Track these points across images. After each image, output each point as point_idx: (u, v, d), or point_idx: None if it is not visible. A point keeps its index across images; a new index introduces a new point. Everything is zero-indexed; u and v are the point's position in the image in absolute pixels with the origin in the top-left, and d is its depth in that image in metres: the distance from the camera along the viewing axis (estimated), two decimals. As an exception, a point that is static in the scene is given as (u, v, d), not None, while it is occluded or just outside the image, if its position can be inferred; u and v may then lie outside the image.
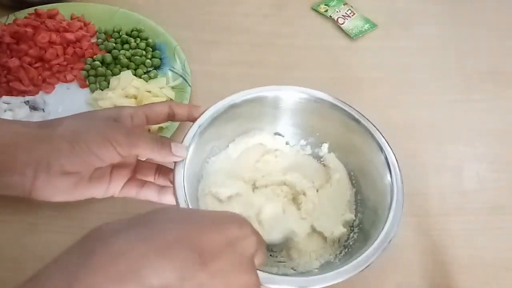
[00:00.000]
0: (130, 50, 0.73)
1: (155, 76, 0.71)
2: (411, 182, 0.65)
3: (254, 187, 0.57)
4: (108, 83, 0.69)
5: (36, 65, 0.69)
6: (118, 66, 0.71)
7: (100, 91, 0.69)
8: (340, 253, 0.53)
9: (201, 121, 0.52)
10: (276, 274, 0.44)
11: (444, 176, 0.66)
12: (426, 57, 0.81)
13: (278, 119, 0.59)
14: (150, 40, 0.75)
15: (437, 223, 0.62)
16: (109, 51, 0.73)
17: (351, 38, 0.81)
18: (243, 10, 0.86)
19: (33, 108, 0.66)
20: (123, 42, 0.75)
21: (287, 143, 0.60)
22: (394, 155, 0.54)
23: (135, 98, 0.66)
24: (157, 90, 0.68)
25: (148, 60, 0.73)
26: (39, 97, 0.68)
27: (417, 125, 0.71)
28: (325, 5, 0.86)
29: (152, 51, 0.74)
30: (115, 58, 0.72)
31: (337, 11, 0.85)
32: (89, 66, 0.71)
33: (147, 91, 0.67)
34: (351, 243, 0.53)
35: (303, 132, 0.60)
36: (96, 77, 0.70)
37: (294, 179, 0.57)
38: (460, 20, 0.87)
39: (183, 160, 0.48)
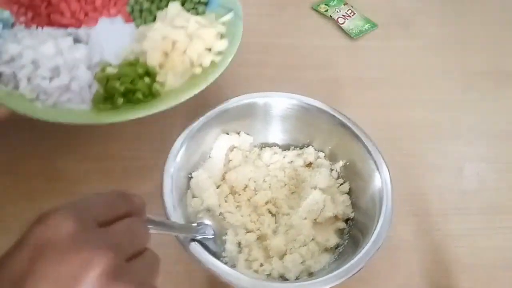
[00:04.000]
0: None
1: (203, 12, 0.66)
2: (411, 182, 0.65)
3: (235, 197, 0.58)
4: (154, 18, 0.65)
5: None
6: (164, 0, 0.66)
7: (146, 25, 0.65)
8: (331, 260, 0.53)
9: (193, 125, 0.54)
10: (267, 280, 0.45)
11: (444, 176, 0.66)
12: (426, 57, 0.81)
13: (269, 126, 0.61)
14: None
15: (437, 223, 0.62)
16: None
17: (351, 38, 0.82)
18: (243, 10, 0.86)
19: (76, 41, 0.62)
20: None
21: (275, 153, 0.61)
22: (384, 161, 0.54)
23: (185, 29, 0.62)
24: (208, 22, 0.63)
25: None
26: (81, 31, 0.63)
27: (417, 125, 0.71)
28: (325, 5, 0.86)
29: None
30: None
31: (337, 11, 0.85)
32: (133, 0, 0.67)
33: (197, 23, 0.63)
34: (341, 250, 0.54)
35: (293, 137, 0.61)
36: (142, 12, 0.66)
37: (280, 199, 0.58)
38: (460, 20, 0.87)
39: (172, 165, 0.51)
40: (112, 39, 0.63)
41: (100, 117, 0.54)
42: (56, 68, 0.56)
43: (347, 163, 0.58)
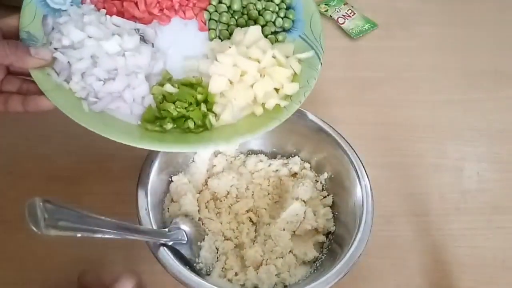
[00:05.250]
0: (263, 2, 0.60)
1: (283, 40, 0.58)
2: (411, 182, 0.65)
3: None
4: (230, 34, 0.57)
5: None
6: (245, 16, 0.59)
7: (219, 40, 0.57)
8: (308, 273, 0.53)
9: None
10: None
11: (444, 176, 0.66)
12: (426, 57, 0.81)
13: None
14: None
15: (437, 223, 0.62)
16: None
17: (351, 38, 0.81)
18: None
19: (142, 39, 0.55)
20: None
21: (261, 160, 0.61)
22: (367, 175, 0.54)
23: (259, 62, 0.54)
24: (283, 58, 0.55)
25: (280, 19, 0.59)
26: (151, 28, 0.57)
27: (417, 125, 0.71)
28: (325, 4, 0.86)
29: (286, 9, 0.60)
30: (245, 6, 0.59)
31: (338, 11, 0.85)
32: (213, 7, 0.59)
33: (272, 57, 0.55)
34: (319, 264, 0.54)
35: (280, 146, 0.61)
36: (218, 23, 0.59)
37: (262, 208, 0.58)
38: (460, 20, 0.87)
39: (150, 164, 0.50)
40: (180, 45, 0.57)
41: (144, 140, 0.48)
42: (114, 70, 0.51)
43: (332, 176, 0.58)
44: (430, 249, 0.60)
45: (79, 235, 0.40)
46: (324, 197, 0.58)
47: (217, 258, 0.53)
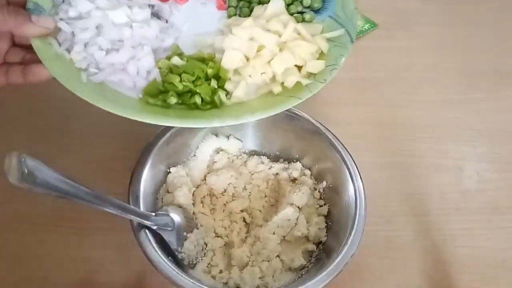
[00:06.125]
0: None
1: (310, 20, 0.54)
2: (411, 182, 0.65)
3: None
4: (251, 12, 0.54)
5: None
6: None
7: (239, 17, 0.53)
8: (292, 280, 0.53)
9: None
10: None
11: (444, 176, 0.66)
12: (426, 57, 0.81)
13: (260, 133, 0.60)
14: None
15: (437, 223, 0.62)
16: None
17: (351, 38, 0.81)
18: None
19: (156, 15, 0.53)
20: None
21: (262, 162, 0.60)
22: (363, 187, 0.53)
23: (279, 35, 0.49)
24: (308, 34, 0.50)
25: None
26: (167, 5, 0.54)
27: (417, 125, 0.71)
28: (325, 5, 0.86)
29: None
30: None
31: (337, 11, 0.84)
32: None
33: (296, 32, 0.51)
34: (304, 272, 0.53)
35: (284, 150, 0.60)
36: (240, 1, 0.55)
37: (257, 209, 0.57)
38: (460, 20, 0.87)
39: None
40: (195, 23, 0.53)
41: (145, 114, 0.45)
42: (119, 41, 0.48)
43: (330, 185, 0.57)
44: (430, 249, 0.60)
45: (54, 195, 0.40)
46: (321, 206, 0.57)
47: (205, 253, 0.53)
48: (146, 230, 0.47)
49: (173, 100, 0.46)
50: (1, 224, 0.58)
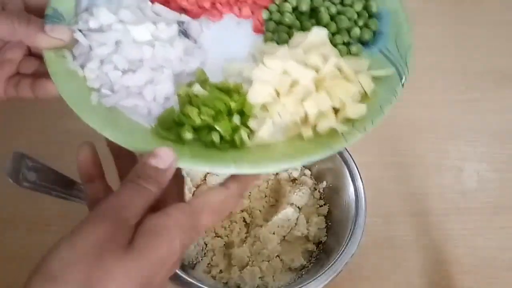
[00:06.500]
0: (338, 6, 0.49)
1: (357, 53, 0.47)
2: (411, 182, 0.65)
3: None
4: (290, 38, 0.47)
5: None
6: (314, 20, 0.48)
7: (275, 44, 0.46)
8: (292, 280, 0.53)
9: None
10: None
11: (444, 176, 0.66)
12: (426, 57, 0.81)
13: None
14: (372, 3, 0.49)
15: (437, 223, 0.62)
16: None
17: (351, 38, 0.81)
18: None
19: (184, 33, 0.47)
20: None
21: None
22: (364, 189, 0.53)
23: (317, 71, 0.42)
24: (351, 72, 0.43)
25: (357, 29, 0.47)
26: (197, 22, 0.48)
27: (417, 125, 0.71)
28: (325, 5, 0.85)
29: (368, 18, 0.49)
30: (314, 9, 0.49)
31: (337, 11, 0.84)
32: (276, 7, 0.49)
33: (337, 68, 0.43)
34: (304, 272, 0.53)
35: None
36: (279, 25, 0.48)
37: (257, 209, 0.57)
38: (460, 20, 0.87)
39: None
40: (226, 45, 0.47)
41: (151, 147, 0.38)
42: (138, 61, 0.43)
43: (331, 185, 0.57)
44: (430, 249, 0.60)
45: (54, 194, 0.40)
46: (321, 206, 0.57)
47: (205, 253, 0.53)
48: None
49: (188, 135, 0.40)
50: (1, 224, 0.58)
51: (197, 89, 0.42)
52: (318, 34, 0.44)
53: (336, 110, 0.41)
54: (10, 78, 0.44)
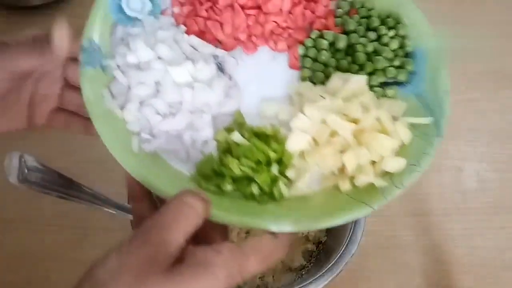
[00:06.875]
0: (374, 44, 0.47)
1: (393, 96, 0.45)
2: (411, 182, 0.65)
3: None
4: (326, 77, 0.45)
5: (250, 12, 0.48)
6: (349, 58, 0.47)
7: (311, 84, 0.45)
8: (292, 280, 0.53)
9: None
10: None
11: (444, 176, 0.66)
12: (426, 57, 0.81)
13: None
14: (408, 42, 0.48)
15: (437, 223, 0.62)
16: (347, 32, 0.48)
17: (351, 38, 0.81)
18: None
19: (220, 67, 0.45)
20: (370, 28, 0.48)
21: None
22: None
23: (355, 122, 0.41)
24: (390, 123, 0.41)
25: (393, 69, 0.46)
26: (231, 59, 0.46)
27: (417, 125, 0.71)
28: (325, 5, 0.85)
29: (403, 57, 0.47)
30: (350, 46, 0.47)
31: (337, 11, 0.84)
32: (312, 41, 0.47)
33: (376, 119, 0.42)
34: (304, 272, 0.53)
35: None
36: (315, 62, 0.47)
37: None
38: (460, 20, 0.87)
39: None
40: (261, 82, 0.45)
41: None
42: (177, 104, 0.41)
43: None
44: (430, 249, 0.60)
45: (54, 194, 0.40)
46: None
47: None
48: None
49: (228, 187, 0.39)
50: (1, 224, 0.58)
51: (237, 137, 0.40)
52: (358, 82, 0.43)
53: (373, 162, 0.40)
54: (57, 111, 0.45)
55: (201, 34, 0.46)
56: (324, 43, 0.46)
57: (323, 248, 0.54)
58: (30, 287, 0.55)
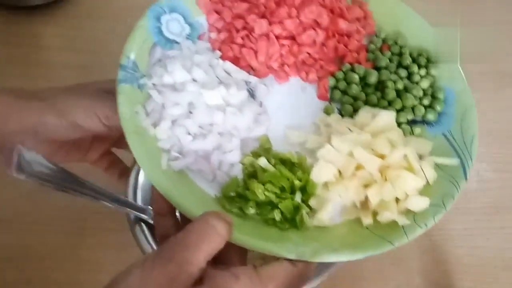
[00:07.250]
0: (405, 81, 0.47)
1: (420, 134, 0.45)
2: (411, 182, 0.65)
3: None
4: (354, 111, 0.46)
5: (284, 42, 0.49)
6: (379, 94, 0.47)
7: (339, 116, 0.46)
8: None
9: None
10: None
11: (444, 176, 0.66)
12: (426, 57, 0.81)
13: None
14: (439, 82, 0.49)
15: (437, 223, 0.62)
16: (378, 68, 0.48)
17: (351, 38, 0.81)
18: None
19: (250, 93, 0.47)
20: (402, 65, 0.48)
21: None
22: None
23: (382, 158, 0.41)
24: (416, 162, 0.41)
25: (422, 108, 0.46)
26: (262, 86, 0.47)
27: (417, 125, 0.71)
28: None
29: (433, 97, 0.47)
30: (381, 82, 0.47)
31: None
32: (342, 74, 0.48)
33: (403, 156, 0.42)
34: None
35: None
36: (344, 95, 0.47)
37: None
38: (460, 20, 0.87)
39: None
40: (289, 110, 0.46)
41: None
42: (208, 126, 0.42)
43: None
44: (430, 249, 0.60)
45: (51, 186, 0.40)
46: None
47: None
48: (143, 225, 0.47)
49: (251, 210, 0.40)
50: (1, 224, 0.58)
51: (263, 162, 0.41)
52: (386, 117, 0.43)
53: (397, 199, 0.40)
54: (106, 154, 0.51)
55: (235, 60, 0.47)
56: (355, 77, 0.47)
57: None
58: (30, 287, 0.55)
